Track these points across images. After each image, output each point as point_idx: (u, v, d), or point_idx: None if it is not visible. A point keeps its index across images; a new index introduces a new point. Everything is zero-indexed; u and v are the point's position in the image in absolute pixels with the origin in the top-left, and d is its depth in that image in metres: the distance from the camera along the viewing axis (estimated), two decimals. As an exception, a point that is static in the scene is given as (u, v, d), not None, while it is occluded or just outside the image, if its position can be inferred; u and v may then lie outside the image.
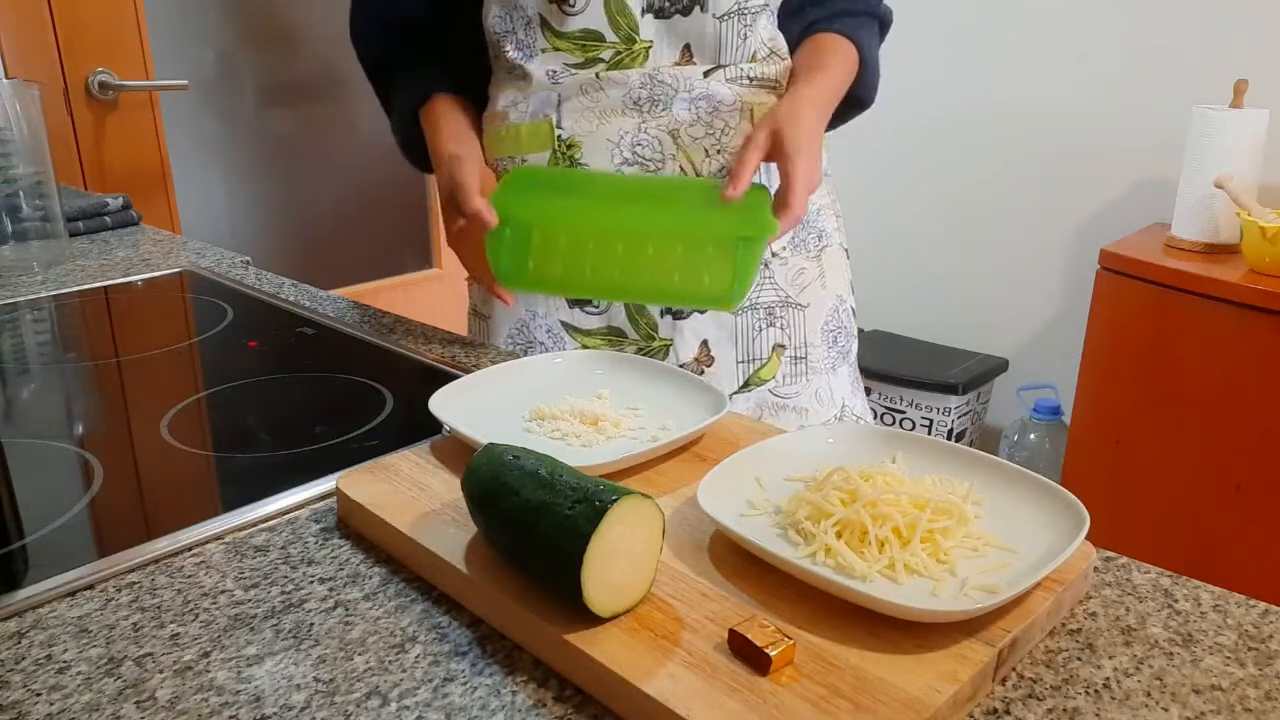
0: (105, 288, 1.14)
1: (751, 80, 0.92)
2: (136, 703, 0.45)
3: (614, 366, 0.78)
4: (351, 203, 2.21)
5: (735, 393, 0.97)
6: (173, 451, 0.71)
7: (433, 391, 0.70)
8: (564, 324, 0.97)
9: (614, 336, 0.96)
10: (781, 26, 0.96)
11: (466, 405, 0.70)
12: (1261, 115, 1.79)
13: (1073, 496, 0.54)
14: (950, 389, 2.32)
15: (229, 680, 0.47)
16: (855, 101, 0.99)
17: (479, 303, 1.07)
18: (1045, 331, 2.41)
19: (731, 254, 0.77)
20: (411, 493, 0.60)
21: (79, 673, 0.48)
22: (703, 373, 0.96)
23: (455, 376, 0.77)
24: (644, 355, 0.93)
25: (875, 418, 1.11)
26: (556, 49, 0.90)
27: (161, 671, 0.47)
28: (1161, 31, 2.08)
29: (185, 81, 1.87)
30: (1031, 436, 2.36)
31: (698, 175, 0.91)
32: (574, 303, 0.97)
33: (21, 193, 1.18)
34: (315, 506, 0.64)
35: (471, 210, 0.82)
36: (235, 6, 1.97)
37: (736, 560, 0.53)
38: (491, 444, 0.55)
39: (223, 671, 0.47)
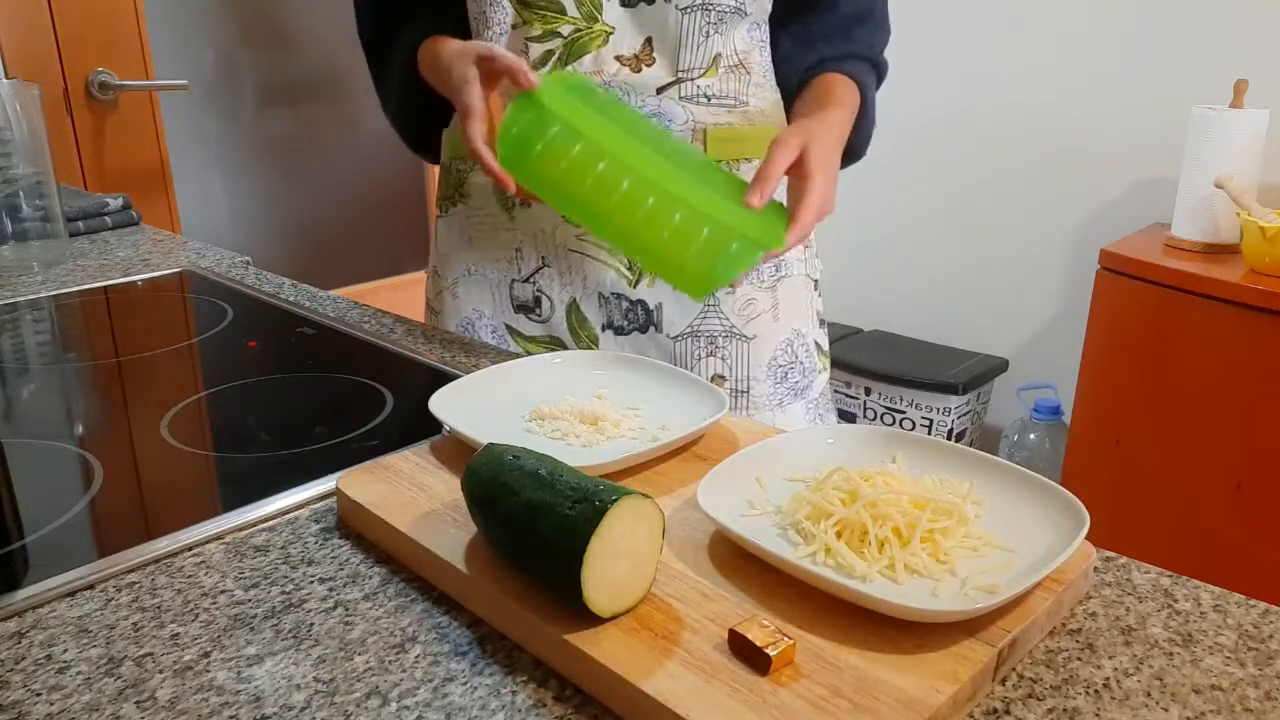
0: (105, 288, 1.14)
1: (710, 99, 0.91)
2: (136, 703, 0.45)
3: (614, 366, 0.78)
4: (351, 203, 2.21)
5: None
6: (173, 451, 0.71)
7: (433, 391, 0.70)
8: (508, 327, 0.97)
9: (555, 346, 0.96)
10: (788, 52, 0.95)
11: (466, 405, 0.70)
12: (1261, 115, 1.79)
13: (1073, 496, 0.54)
14: (950, 389, 2.32)
15: (229, 680, 0.47)
16: (849, 150, 0.96)
17: (431, 295, 1.05)
18: (1045, 331, 2.41)
19: (725, 245, 0.74)
20: (411, 493, 0.60)
21: (79, 673, 0.48)
22: None
23: (455, 376, 0.77)
24: None
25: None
26: (523, 21, 0.88)
27: (161, 671, 0.47)
28: (1161, 31, 2.08)
29: (185, 81, 1.87)
30: (1031, 436, 2.36)
31: None
32: (519, 307, 0.96)
33: (21, 193, 1.18)
34: (315, 506, 0.64)
35: (469, 102, 0.78)
36: (235, 6, 1.97)
37: (736, 560, 0.53)
38: (491, 444, 0.55)
39: (223, 671, 0.47)
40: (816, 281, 1.04)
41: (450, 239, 1.00)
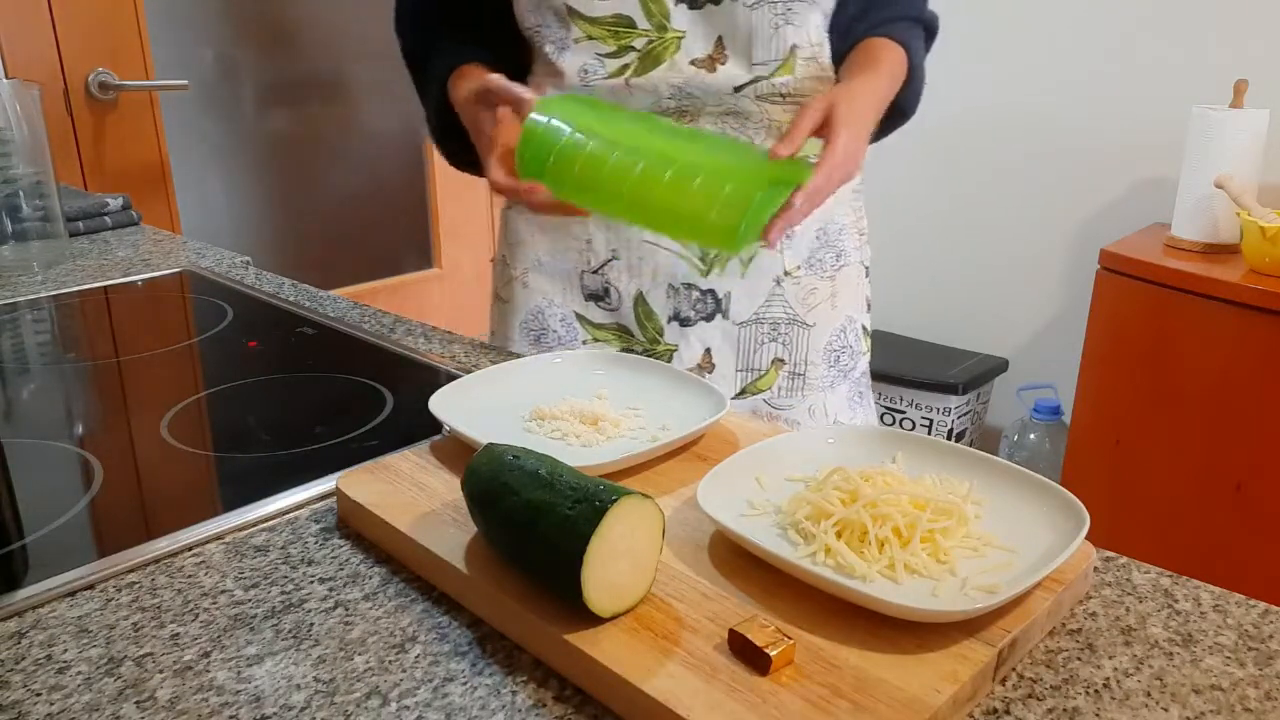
0: (105, 288, 1.14)
1: (785, 97, 0.91)
2: (136, 703, 0.45)
3: (614, 366, 0.78)
4: (351, 203, 2.21)
5: (731, 398, 0.96)
6: (173, 451, 0.71)
7: (433, 391, 0.70)
8: (577, 315, 0.99)
9: (623, 334, 0.98)
10: (835, 24, 0.94)
11: (466, 405, 0.70)
12: (1261, 115, 1.79)
13: (1073, 496, 0.54)
14: (950, 389, 2.32)
15: (229, 680, 0.47)
16: (899, 110, 0.97)
17: (499, 285, 1.06)
18: (1045, 331, 2.41)
19: (749, 196, 0.73)
20: (411, 493, 0.60)
21: (79, 673, 0.48)
22: (703, 378, 0.95)
23: (455, 376, 0.77)
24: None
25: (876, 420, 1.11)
26: (590, 37, 0.89)
27: (161, 671, 0.47)
28: (1161, 31, 2.08)
29: (185, 81, 1.87)
30: (1031, 436, 2.36)
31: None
32: (589, 296, 0.97)
33: (21, 193, 1.18)
34: (315, 506, 0.64)
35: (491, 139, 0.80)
36: (235, 6, 1.97)
37: (736, 560, 0.53)
38: (491, 444, 0.55)
39: (223, 671, 0.47)
40: (868, 268, 1.07)
41: (522, 230, 1.01)
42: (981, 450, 0.61)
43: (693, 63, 0.89)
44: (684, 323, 0.96)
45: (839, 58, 0.94)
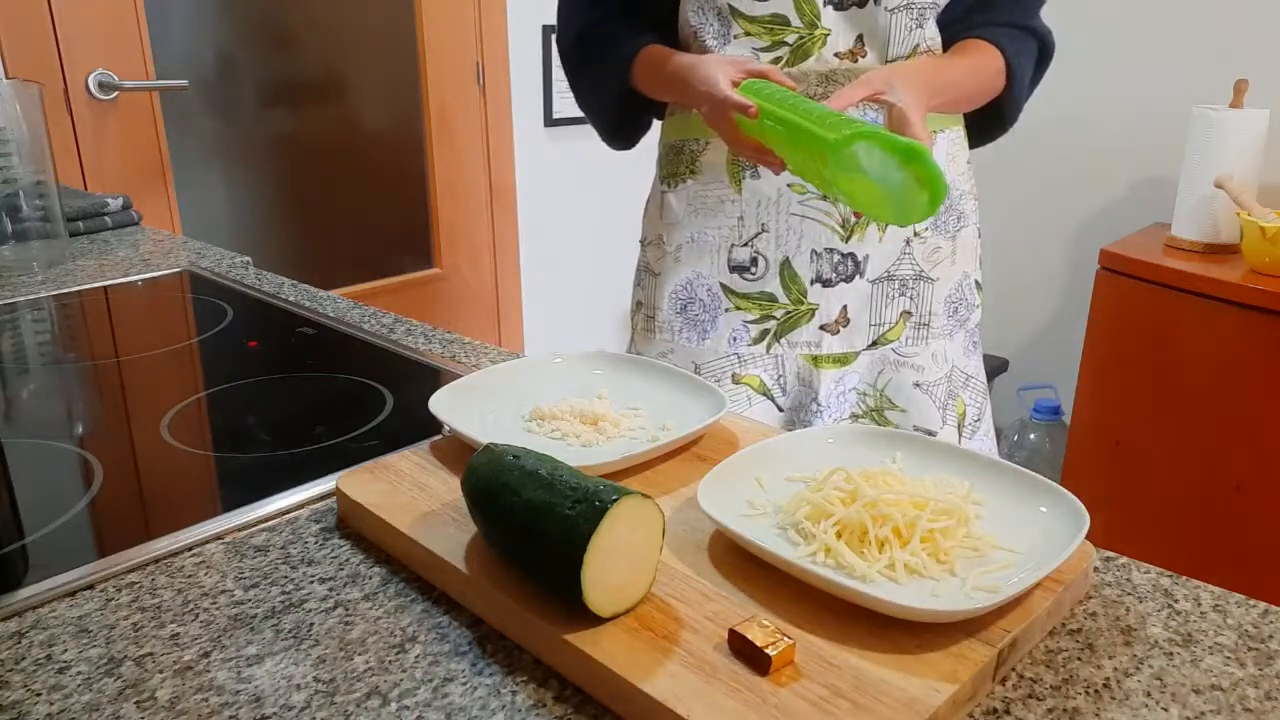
0: (105, 288, 1.14)
1: None
2: (136, 703, 0.45)
3: (614, 366, 0.78)
4: (351, 203, 2.21)
5: (863, 349, 1.09)
6: (173, 451, 0.71)
7: (433, 391, 0.70)
8: (723, 286, 1.08)
9: (765, 301, 1.07)
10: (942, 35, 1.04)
11: (466, 405, 0.70)
12: (1261, 115, 1.79)
13: (1073, 496, 0.54)
14: (950, 389, 2.31)
15: (229, 680, 0.47)
16: (996, 116, 1.10)
17: (651, 261, 1.15)
18: (1045, 331, 2.41)
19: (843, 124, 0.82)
20: (411, 493, 0.60)
21: (79, 673, 0.48)
22: (838, 332, 1.08)
23: (455, 376, 0.77)
24: (791, 319, 1.07)
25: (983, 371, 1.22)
26: (748, 33, 1.00)
27: (161, 671, 0.47)
28: (1161, 31, 2.08)
29: (185, 81, 1.87)
30: (1031, 436, 2.36)
31: None
32: (734, 268, 1.07)
33: (21, 193, 1.18)
34: (315, 506, 0.64)
35: (723, 97, 0.91)
36: (235, 6, 1.97)
37: (736, 560, 0.53)
38: (491, 444, 0.55)
39: (223, 671, 0.47)
40: (979, 230, 1.18)
41: (678, 209, 1.11)
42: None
43: (836, 54, 1.00)
44: (825, 284, 1.06)
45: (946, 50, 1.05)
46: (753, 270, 1.07)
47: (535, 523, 0.48)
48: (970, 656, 0.44)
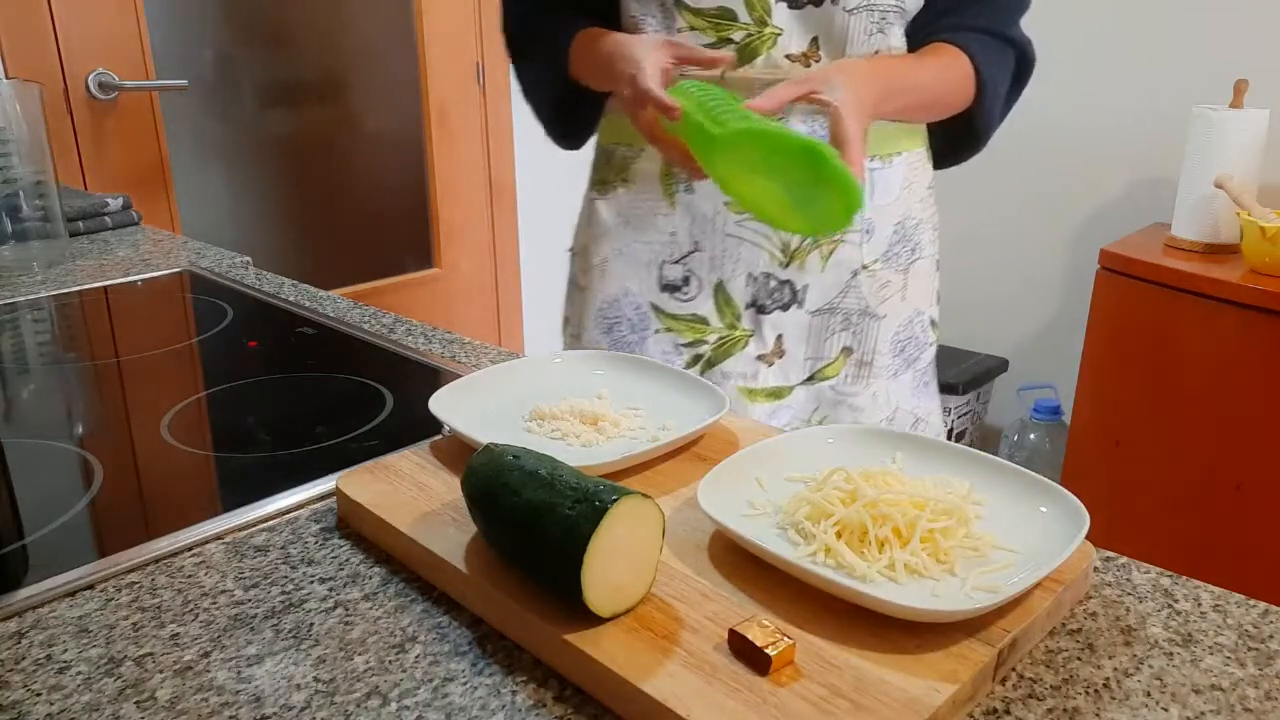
0: (105, 288, 1.14)
1: None
2: (136, 703, 0.45)
3: (614, 366, 0.78)
4: (351, 203, 2.21)
5: (799, 384, 1.02)
6: (173, 451, 0.71)
7: (433, 391, 0.70)
8: (653, 305, 1.01)
9: (698, 324, 1.00)
10: (909, 35, 0.96)
11: (466, 405, 0.70)
12: (1261, 115, 1.79)
13: (1073, 496, 0.53)
14: (950, 389, 2.32)
15: (229, 680, 0.47)
16: (968, 132, 1.00)
17: (579, 273, 1.08)
18: (1045, 331, 2.41)
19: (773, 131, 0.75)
20: (411, 493, 0.60)
21: (79, 673, 0.48)
22: (773, 364, 1.00)
23: (455, 376, 0.77)
24: (724, 345, 1.00)
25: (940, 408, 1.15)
26: (692, 28, 0.92)
27: (161, 671, 0.47)
28: (1161, 31, 2.08)
29: (185, 81, 1.87)
30: (1031, 436, 2.36)
31: None
32: (665, 287, 1.00)
33: (21, 193, 1.18)
34: (315, 506, 0.64)
35: (644, 90, 0.82)
36: (235, 6, 1.97)
37: (736, 560, 0.53)
38: (491, 444, 0.55)
39: (223, 671, 0.47)
40: (938, 262, 1.11)
41: (608, 219, 1.04)
42: (981, 450, 0.61)
43: (788, 56, 0.92)
44: (761, 310, 0.99)
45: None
46: (685, 290, 1.00)
47: (535, 523, 0.48)
48: (970, 656, 0.44)
